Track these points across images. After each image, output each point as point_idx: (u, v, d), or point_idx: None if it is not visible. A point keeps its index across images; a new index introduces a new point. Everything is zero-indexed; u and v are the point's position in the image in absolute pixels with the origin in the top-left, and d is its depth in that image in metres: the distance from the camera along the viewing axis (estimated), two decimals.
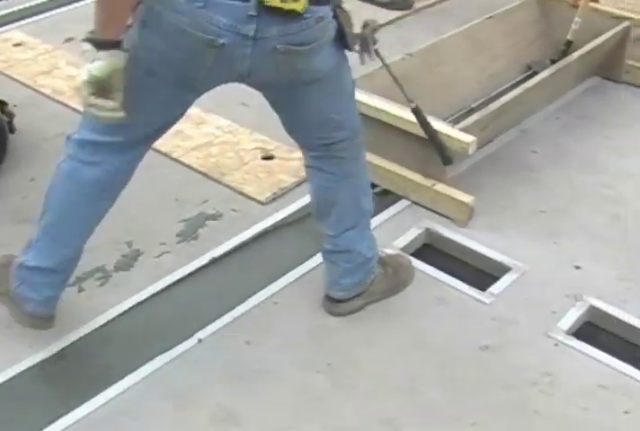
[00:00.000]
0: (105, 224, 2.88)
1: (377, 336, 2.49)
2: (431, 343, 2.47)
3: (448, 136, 2.83)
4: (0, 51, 3.98)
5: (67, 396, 2.29)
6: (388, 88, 3.22)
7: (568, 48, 3.72)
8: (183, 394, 2.30)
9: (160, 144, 3.26)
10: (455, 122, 2.99)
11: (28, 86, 3.71)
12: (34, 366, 2.37)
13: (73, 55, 3.87)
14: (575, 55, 3.55)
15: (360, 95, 3.05)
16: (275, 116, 2.32)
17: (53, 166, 2.18)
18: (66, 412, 2.23)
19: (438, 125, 2.88)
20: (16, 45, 4.02)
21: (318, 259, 2.71)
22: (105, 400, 2.27)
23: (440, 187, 2.95)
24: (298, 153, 3.18)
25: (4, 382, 2.32)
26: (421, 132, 2.86)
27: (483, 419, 2.24)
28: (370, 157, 3.07)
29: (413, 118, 2.90)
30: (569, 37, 3.74)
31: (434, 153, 2.85)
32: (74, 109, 3.42)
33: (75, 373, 2.37)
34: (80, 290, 2.64)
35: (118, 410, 2.25)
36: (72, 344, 2.45)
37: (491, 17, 3.78)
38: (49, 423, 2.21)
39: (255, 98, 3.59)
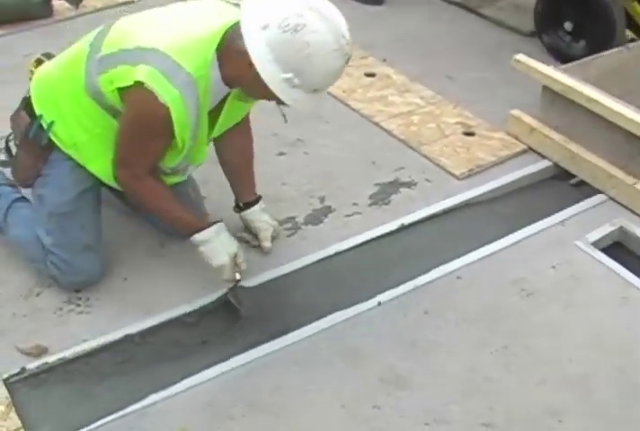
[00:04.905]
0: (302, 177, 2.96)
1: (558, 326, 2.44)
2: (611, 342, 2.40)
3: None
4: None
5: (243, 336, 2.38)
6: (602, 80, 3.14)
7: None
8: (356, 352, 2.33)
9: (362, 107, 3.33)
10: None
11: None
12: (212, 303, 2.48)
13: None
14: None
15: (573, 83, 2.99)
16: (481, 92, 2.26)
17: None
18: (240, 352, 2.32)
19: None
20: None
21: (508, 240, 2.70)
22: (278, 347, 2.34)
23: None
24: (500, 134, 3.17)
25: (193, 311, 2.44)
26: (631, 127, 2.78)
27: None
28: (573, 147, 3.02)
29: (626, 111, 2.82)
30: None
31: None
32: None
33: (250, 319, 2.43)
34: None
35: (290, 358, 2.31)
36: (249, 289, 2.50)
37: None
38: (230, 357, 2.30)
39: (461, 72, 3.57)
